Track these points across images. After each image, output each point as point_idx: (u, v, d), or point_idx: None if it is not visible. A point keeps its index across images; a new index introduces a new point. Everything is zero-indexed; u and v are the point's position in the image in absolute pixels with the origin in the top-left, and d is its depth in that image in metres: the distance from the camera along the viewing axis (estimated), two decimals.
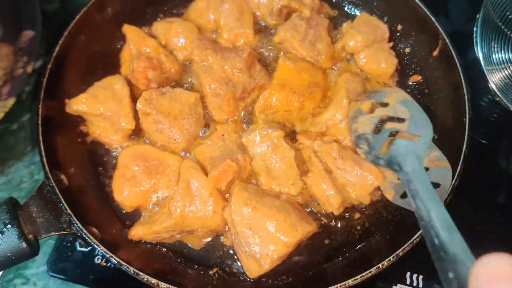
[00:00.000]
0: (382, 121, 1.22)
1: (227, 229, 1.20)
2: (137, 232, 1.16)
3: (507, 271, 0.56)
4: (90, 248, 1.32)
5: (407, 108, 1.20)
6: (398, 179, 1.16)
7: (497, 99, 1.53)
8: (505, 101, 1.51)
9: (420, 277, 1.28)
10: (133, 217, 1.25)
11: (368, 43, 1.43)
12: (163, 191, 1.23)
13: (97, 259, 1.32)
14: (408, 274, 1.29)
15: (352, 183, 1.22)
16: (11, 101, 1.33)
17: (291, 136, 1.33)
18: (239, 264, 1.20)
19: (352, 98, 1.31)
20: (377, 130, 1.21)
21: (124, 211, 1.26)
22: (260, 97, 1.33)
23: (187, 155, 1.31)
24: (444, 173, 1.14)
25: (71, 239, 1.35)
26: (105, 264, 1.31)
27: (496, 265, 0.57)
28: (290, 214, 1.12)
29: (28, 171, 1.51)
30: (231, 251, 1.22)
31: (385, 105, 1.24)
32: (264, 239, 1.08)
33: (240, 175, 1.21)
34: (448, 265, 0.75)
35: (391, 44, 1.47)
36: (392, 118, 1.23)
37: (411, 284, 1.27)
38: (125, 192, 1.21)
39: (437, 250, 0.80)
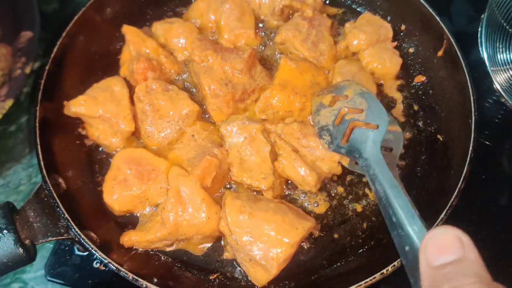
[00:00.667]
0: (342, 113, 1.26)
1: (222, 243, 1.21)
2: (130, 239, 1.14)
3: (452, 242, 0.63)
4: (89, 253, 1.30)
5: (365, 99, 1.23)
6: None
7: (502, 100, 1.51)
8: (510, 102, 1.49)
9: None
10: (133, 222, 1.23)
11: (371, 43, 1.42)
12: (154, 198, 1.21)
13: (96, 263, 1.30)
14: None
15: (321, 158, 1.24)
16: (9, 103, 1.31)
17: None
18: (240, 269, 1.18)
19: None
20: (338, 121, 1.25)
21: (120, 216, 1.24)
22: (261, 97, 1.31)
23: None
24: (397, 137, 1.22)
25: (69, 243, 1.33)
26: (104, 268, 1.29)
27: (442, 237, 0.64)
28: (287, 214, 1.11)
29: (26, 173, 1.49)
30: None
31: (345, 97, 1.27)
32: (267, 244, 1.06)
33: (222, 168, 1.20)
34: (405, 240, 0.84)
35: (395, 43, 1.45)
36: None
37: None
38: (115, 195, 1.19)
39: (395, 228, 0.88)
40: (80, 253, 1.32)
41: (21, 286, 1.33)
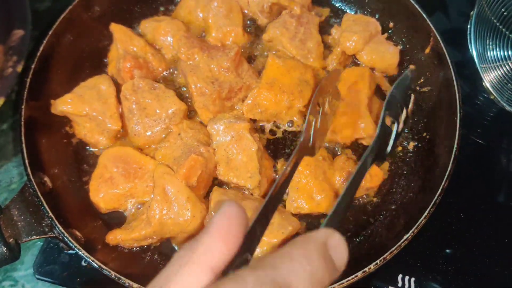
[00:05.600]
0: None
1: None
2: (115, 237, 1.15)
3: None
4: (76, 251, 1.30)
5: None
6: None
7: (492, 97, 1.50)
8: (499, 100, 1.48)
9: (412, 279, 1.26)
10: (119, 220, 1.23)
11: (366, 40, 1.41)
12: (140, 196, 1.21)
13: (84, 261, 1.29)
14: (399, 276, 1.26)
15: None
16: (0, 101, 1.31)
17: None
18: None
19: None
20: None
21: (107, 215, 1.24)
22: (249, 95, 1.31)
23: None
24: None
25: (58, 241, 1.34)
26: (91, 266, 1.29)
27: None
28: (273, 217, 1.10)
29: (17, 171, 1.49)
30: None
31: None
32: None
33: (208, 166, 1.20)
34: None
35: (386, 35, 1.45)
36: None
37: (403, 286, 1.25)
38: (101, 193, 1.19)
39: None
40: (69, 252, 1.31)
41: (11, 284, 1.33)
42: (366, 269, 1.02)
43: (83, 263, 1.29)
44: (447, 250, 1.31)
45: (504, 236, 1.34)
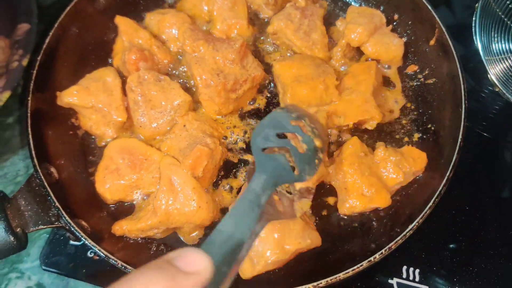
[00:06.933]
0: None
1: None
2: (121, 227, 1.15)
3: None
4: (82, 241, 1.31)
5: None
6: None
7: (497, 90, 1.50)
8: (505, 92, 1.47)
9: (417, 270, 1.26)
10: (126, 212, 1.24)
11: (371, 32, 1.41)
12: (146, 187, 1.22)
13: (90, 252, 1.31)
14: (404, 267, 1.27)
15: None
16: (6, 95, 1.32)
17: None
18: None
19: None
20: None
21: (112, 204, 1.25)
22: (288, 96, 1.30)
23: None
24: None
25: (64, 232, 1.34)
26: (97, 258, 1.30)
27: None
28: (298, 223, 1.10)
29: (23, 164, 1.50)
30: None
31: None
32: (264, 241, 1.07)
33: (214, 157, 1.21)
34: None
35: (390, 27, 1.45)
36: None
37: (407, 277, 1.25)
38: (107, 184, 1.20)
39: None
40: (75, 243, 1.32)
41: (18, 276, 1.34)
42: (372, 258, 1.03)
43: (89, 254, 1.30)
44: (452, 242, 1.31)
45: (508, 228, 1.34)
